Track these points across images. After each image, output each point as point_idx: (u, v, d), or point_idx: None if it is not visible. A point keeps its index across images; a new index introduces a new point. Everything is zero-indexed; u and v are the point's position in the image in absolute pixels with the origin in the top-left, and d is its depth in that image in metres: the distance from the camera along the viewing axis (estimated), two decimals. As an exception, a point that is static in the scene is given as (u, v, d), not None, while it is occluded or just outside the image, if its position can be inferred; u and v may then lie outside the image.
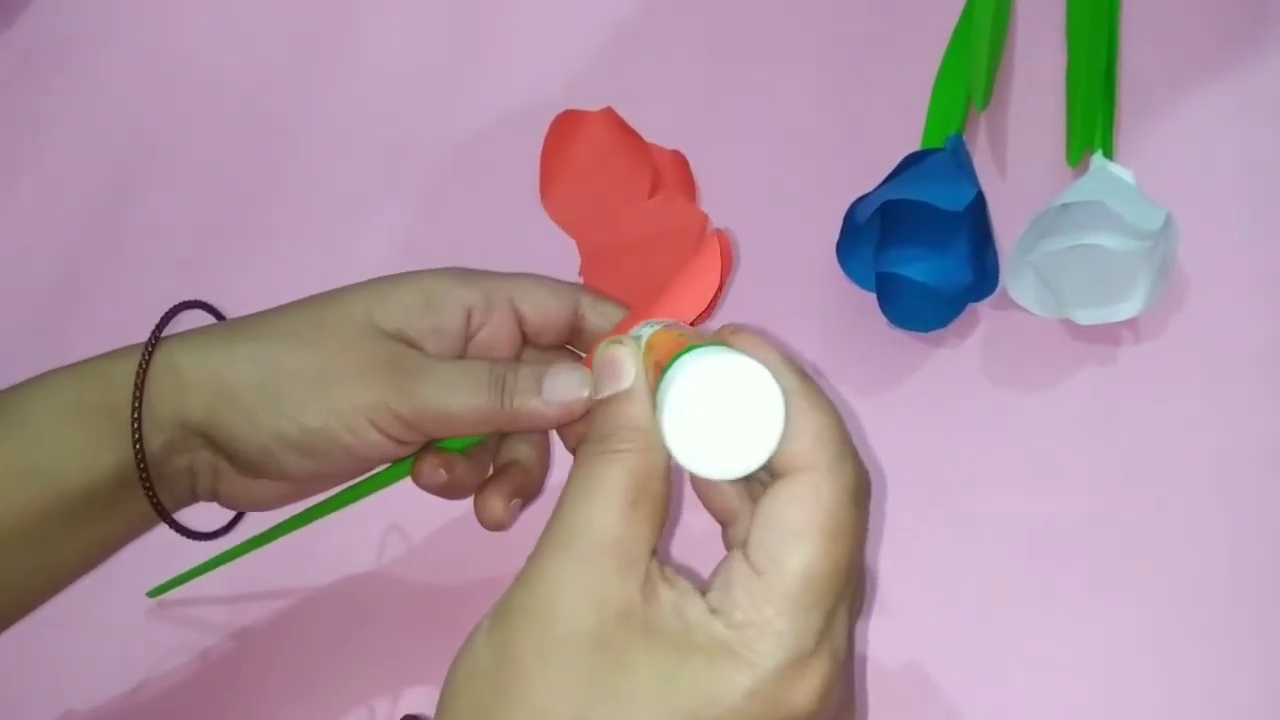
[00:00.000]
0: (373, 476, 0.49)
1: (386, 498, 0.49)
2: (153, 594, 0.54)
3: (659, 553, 0.36)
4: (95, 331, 0.48)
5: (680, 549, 0.52)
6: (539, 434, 0.50)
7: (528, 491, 0.48)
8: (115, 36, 0.73)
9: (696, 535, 0.52)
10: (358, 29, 0.70)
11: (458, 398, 0.44)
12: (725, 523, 0.40)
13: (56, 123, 0.70)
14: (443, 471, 0.47)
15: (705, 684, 0.34)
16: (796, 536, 0.34)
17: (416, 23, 0.70)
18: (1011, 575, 0.50)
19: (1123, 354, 0.54)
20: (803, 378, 0.37)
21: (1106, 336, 0.54)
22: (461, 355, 0.47)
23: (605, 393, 0.37)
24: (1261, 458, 0.51)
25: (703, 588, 0.36)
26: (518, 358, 0.48)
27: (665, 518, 0.37)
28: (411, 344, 0.45)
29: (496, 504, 0.47)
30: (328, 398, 0.44)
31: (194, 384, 0.44)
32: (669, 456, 0.36)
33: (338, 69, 0.69)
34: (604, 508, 0.35)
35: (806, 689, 0.34)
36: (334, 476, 0.47)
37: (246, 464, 0.45)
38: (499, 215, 0.63)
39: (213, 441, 0.45)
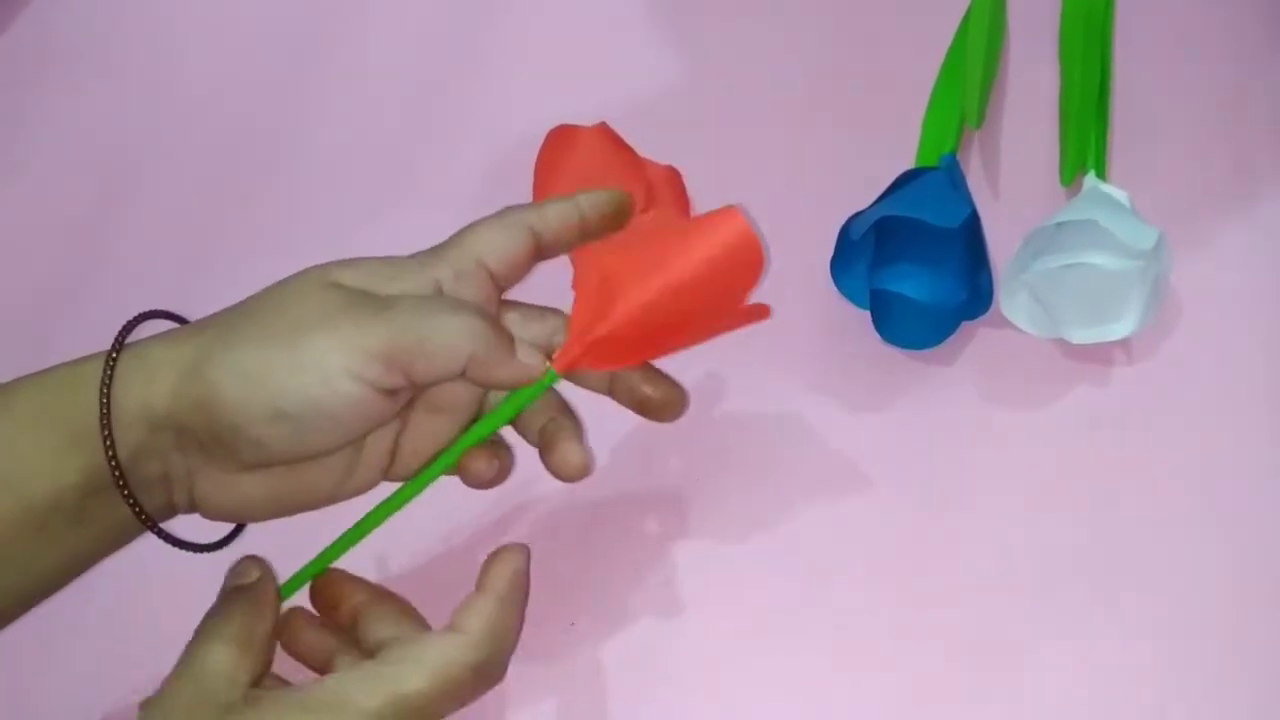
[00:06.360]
0: (416, 478, 0.48)
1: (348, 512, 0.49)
2: None
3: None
4: (81, 342, 0.47)
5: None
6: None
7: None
8: (109, 45, 0.72)
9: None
10: (352, 42, 0.70)
11: (434, 319, 0.43)
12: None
13: (47, 129, 0.70)
14: (495, 462, 0.48)
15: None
16: (423, 664, 0.43)
17: (411, 37, 0.70)
18: (1003, 595, 0.50)
19: (1116, 374, 0.54)
20: (504, 596, 0.45)
21: (1100, 356, 0.54)
22: None
23: (235, 582, 0.46)
24: (1255, 478, 0.51)
25: None
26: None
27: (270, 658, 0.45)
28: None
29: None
30: (294, 353, 0.42)
31: (161, 371, 0.43)
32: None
33: (332, 82, 0.69)
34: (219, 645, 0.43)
35: None
36: (316, 455, 0.45)
37: (220, 449, 0.43)
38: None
39: (183, 430, 0.43)
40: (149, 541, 0.46)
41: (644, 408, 0.49)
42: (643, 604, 0.51)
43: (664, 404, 0.49)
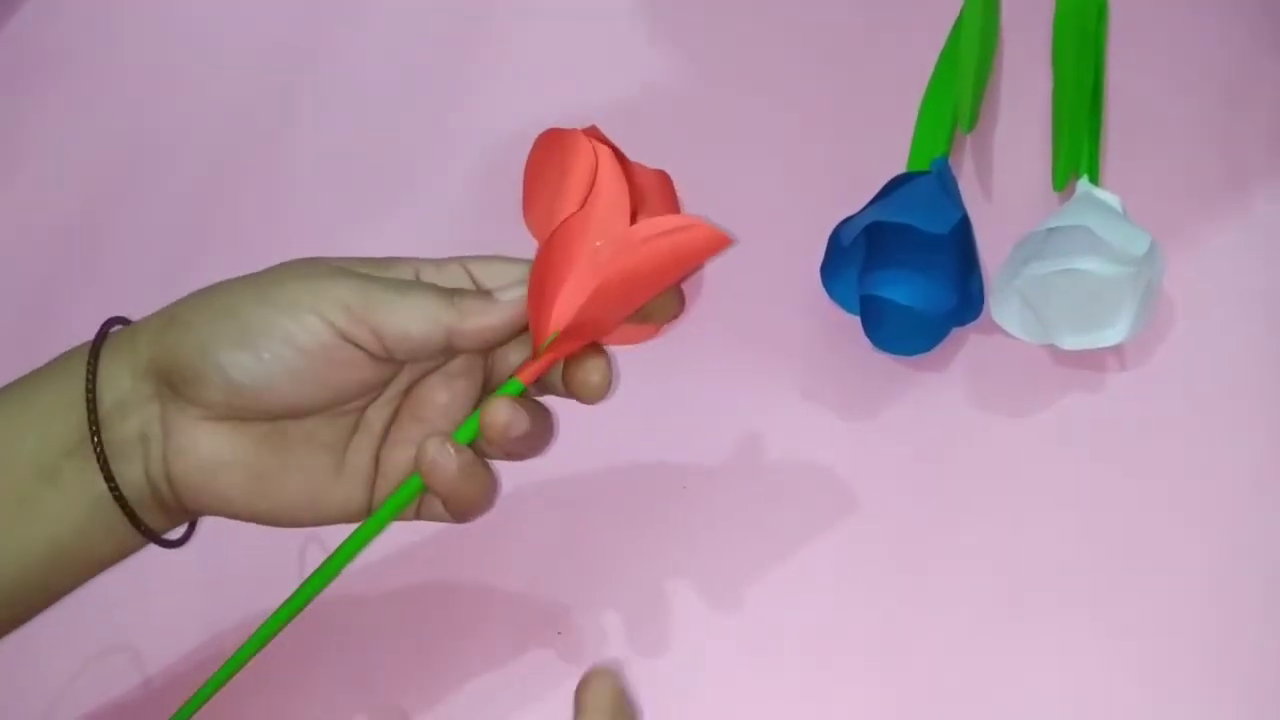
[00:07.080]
0: (389, 501, 0.47)
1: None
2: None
3: None
4: (79, 342, 0.47)
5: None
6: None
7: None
8: (105, 46, 0.72)
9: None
10: (346, 45, 0.70)
11: (406, 291, 0.45)
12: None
13: (43, 129, 0.70)
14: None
15: None
16: None
17: (403, 38, 0.70)
18: (995, 600, 0.50)
19: (1108, 380, 0.53)
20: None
21: (1091, 362, 0.54)
22: None
23: None
24: (1248, 483, 0.50)
25: None
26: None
27: None
28: None
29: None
30: (265, 294, 0.45)
31: (145, 327, 0.46)
32: None
33: (324, 85, 0.69)
34: None
35: None
36: (285, 404, 0.45)
37: (188, 385, 0.44)
38: (482, 233, 0.62)
39: (160, 373, 0.44)
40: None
41: (582, 393, 0.47)
42: (630, 613, 0.51)
43: (600, 387, 0.47)
